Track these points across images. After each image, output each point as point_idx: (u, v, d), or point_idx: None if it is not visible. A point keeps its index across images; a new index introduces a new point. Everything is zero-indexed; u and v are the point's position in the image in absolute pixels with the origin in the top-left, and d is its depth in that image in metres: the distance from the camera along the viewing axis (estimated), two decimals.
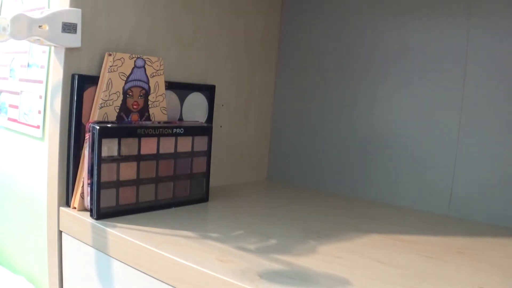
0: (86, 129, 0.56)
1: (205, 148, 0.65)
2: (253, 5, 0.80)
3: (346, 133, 0.79)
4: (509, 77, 0.64)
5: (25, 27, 0.52)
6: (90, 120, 0.57)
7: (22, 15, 0.51)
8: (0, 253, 1.31)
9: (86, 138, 0.56)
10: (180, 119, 0.69)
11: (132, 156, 0.57)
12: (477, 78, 0.66)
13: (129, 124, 0.58)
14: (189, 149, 0.63)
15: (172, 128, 0.60)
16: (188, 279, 0.44)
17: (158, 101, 0.63)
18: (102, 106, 0.57)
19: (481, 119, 0.66)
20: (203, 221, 0.59)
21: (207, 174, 0.66)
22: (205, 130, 0.65)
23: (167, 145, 0.60)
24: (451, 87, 0.68)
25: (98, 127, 0.53)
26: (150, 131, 0.57)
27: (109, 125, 0.54)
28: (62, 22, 0.55)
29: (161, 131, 0.59)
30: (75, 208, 0.57)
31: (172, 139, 0.61)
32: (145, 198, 0.59)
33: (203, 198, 0.67)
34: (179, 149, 0.62)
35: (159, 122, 0.62)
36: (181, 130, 0.62)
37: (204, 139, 0.65)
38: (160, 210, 0.61)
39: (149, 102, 0.62)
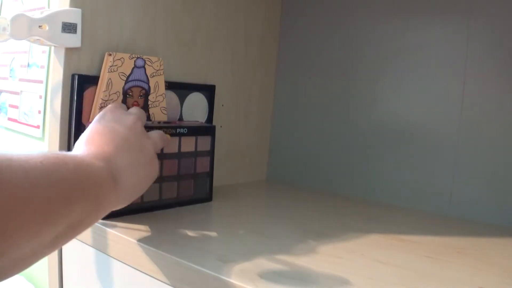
0: None
1: (208, 148, 0.65)
2: (253, 5, 0.80)
3: (346, 133, 0.79)
4: (509, 77, 0.64)
5: (25, 27, 0.52)
6: (90, 120, 0.57)
7: (22, 15, 0.51)
8: None
9: None
10: (180, 119, 0.69)
11: None
12: (477, 78, 0.66)
13: None
14: (193, 149, 0.63)
15: (176, 128, 0.60)
16: (188, 279, 0.44)
17: (158, 101, 0.63)
18: (102, 106, 0.57)
19: (481, 119, 0.66)
20: (204, 221, 0.59)
21: (210, 174, 0.66)
22: (208, 130, 0.66)
23: (171, 145, 0.60)
24: (451, 87, 0.68)
25: None
26: None
27: None
28: (62, 22, 0.55)
29: (165, 131, 0.59)
30: None
31: (176, 139, 0.61)
32: (149, 197, 0.59)
33: (207, 198, 0.67)
34: (183, 149, 0.62)
35: (159, 122, 0.62)
36: (185, 130, 0.62)
37: (207, 139, 0.65)
38: (163, 210, 0.60)
39: (149, 102, 0.62)
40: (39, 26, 0.53)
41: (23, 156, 0.33)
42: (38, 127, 1.14)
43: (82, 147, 0.45)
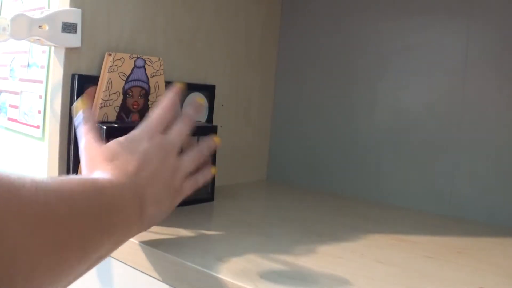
0: None
1: None
2: (253, 5, 0.80)
3: (346, 133, 0.79)
4: (509, 77, 0.64)
5: (25, 27, 0.52)
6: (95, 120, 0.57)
7: (22, 15, 0.51)
8: None
9: None
10: None
11: None
12: (477, 78, 0.66)
13: (135, 124, 0.58)
14: None
15: None
16: (188, 279, 0.44)
17: (158, 101, 0.63)
18: (102, 106, 0.57)
19: (481, 119, 0.66)
20: (203, 221, 0.59)
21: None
22: (210, 130, 0.65)
23: None
24: (451, 87, 0.68)
25: (105, 127, 0.53)
26: None
27: (115, 125, 0.54)
28: (62, 22, 0.55)
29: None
30: None
31: None
32: None
33: (209, 197, 0.67)
34: (185, 149, 0.62)
35: None
36: None
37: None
38: None
39: (149, 102, 0.62)
40: (39, 26, 0.53)
41: (56, 185, 0.34)
42: (38, 127, 1.14)
43: (112, 171, 0.43)
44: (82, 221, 0.35)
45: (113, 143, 0.46)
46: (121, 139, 0.46)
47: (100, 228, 0.37)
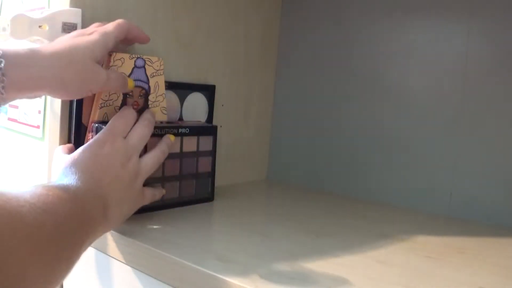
0: (89, 129, 0.56)
1: (210, 148, 0.65)
2: (252, 5, 0.80)
3: (346, 133, 0.79)
4: (509, 77, 0.64)
5: (25, 27, 0.52)
6: (91, 120, 0.57)
7: (22, 15, 0.51)
8: None
9: (88, 138, 0.56)
10: (180, 119, 0.69)
11: None
12: (477, 78, 0.66)
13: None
14: (195, 149, 0.63)
15: (178, 128, 0.60)
16: (188, 279, 0.44)
17: (158, 101, 0.63)
18: (102, 106, 0.57)
19: (481, 119, 0.66)
20: (204, 221, 0.59)
21: (212, 174, 0.66)
22: (210, 130, 0.66)
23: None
24: (451, 87, 0.68)
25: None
26: (156, 131, 0.57)
27: None
28: (62, 22, 0.55)
29: (167, 131, 0.59)
30: None
31: (178, 139, 0.61)
32: None
33: (209, 197, 0.67)
34: (185, 149, 0.62)
35: (161, 122, 0.62)
36: (187, 130, 0.62)
37: (209, 139, 0.65)
38: (165, 210, 0.60)
39: (149, 102, 0.62)
40: (39, 26, 0.53)
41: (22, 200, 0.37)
42: (38, 127, 1.14)
43: (79, 175, 0.46)
44: (66, 235, 0.39)
45: (78, 150, 0.49)
46: (84, 146, 0.49)
47: (79, 236, 0.42)
